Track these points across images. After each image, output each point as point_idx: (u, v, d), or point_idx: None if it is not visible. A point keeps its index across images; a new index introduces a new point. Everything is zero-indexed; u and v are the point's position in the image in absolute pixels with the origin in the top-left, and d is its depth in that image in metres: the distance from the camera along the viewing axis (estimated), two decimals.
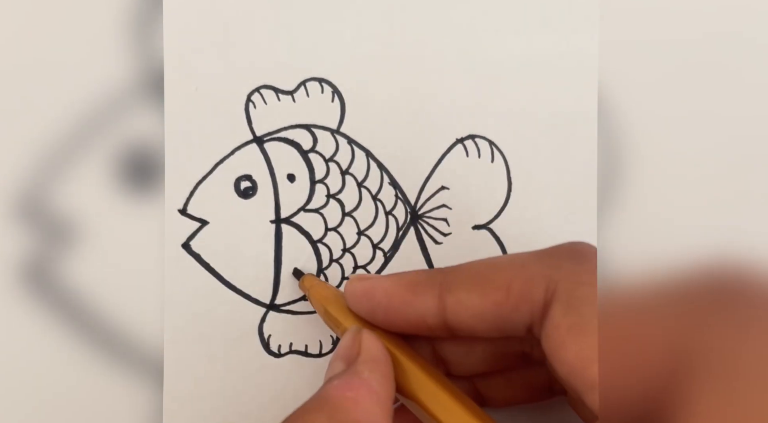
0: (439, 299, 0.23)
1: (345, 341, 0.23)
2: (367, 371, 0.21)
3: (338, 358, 0.23)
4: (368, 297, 0.24)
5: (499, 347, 0.25)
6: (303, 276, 0.28)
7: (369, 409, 0.20)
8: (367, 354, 0.22)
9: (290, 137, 0.29)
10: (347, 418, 0.20)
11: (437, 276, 0.23)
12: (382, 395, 0.21)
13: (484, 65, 0.29)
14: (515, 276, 0.22)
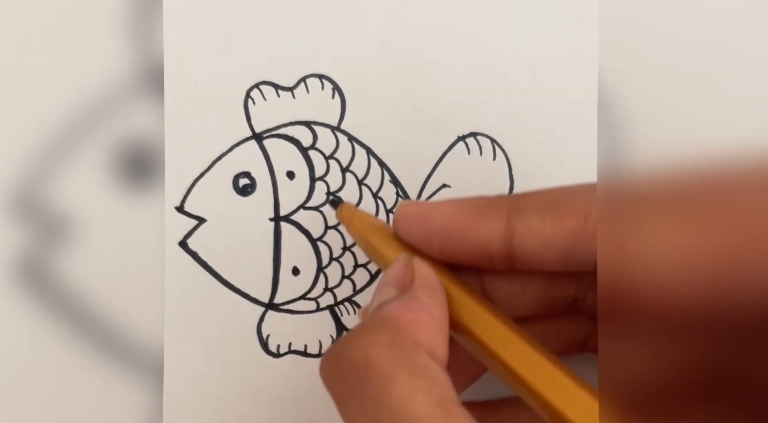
0: (507, 224, 0.21)
1: (396, 267, 0.22)
2: (425, 296, 0.20)
3: (388, 284, 0.21)
4: (425, 220, 0.22)
5: (552, 289, 0.24)
6: (341, 204, 0.25)
7: (430, 332, 0.19)
8: (422, 280, 0.21)
9: (290, 134, 0.28)
10: (410, 340, 0.19)
11: (505, 201, 0.22)
12: (442, 322, 0.20)
13: (485, 62, 0.29)
14: (593, 202, 0.20)
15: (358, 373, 0.18)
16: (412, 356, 0.18)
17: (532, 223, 0.21)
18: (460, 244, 0.22)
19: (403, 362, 0.18)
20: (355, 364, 0.18)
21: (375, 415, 0.18)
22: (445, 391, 0.18)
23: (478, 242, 0.21)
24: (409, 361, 0.18)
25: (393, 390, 0.18)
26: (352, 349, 0.19)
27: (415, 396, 0.18)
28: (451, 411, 0.18)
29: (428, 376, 0.18)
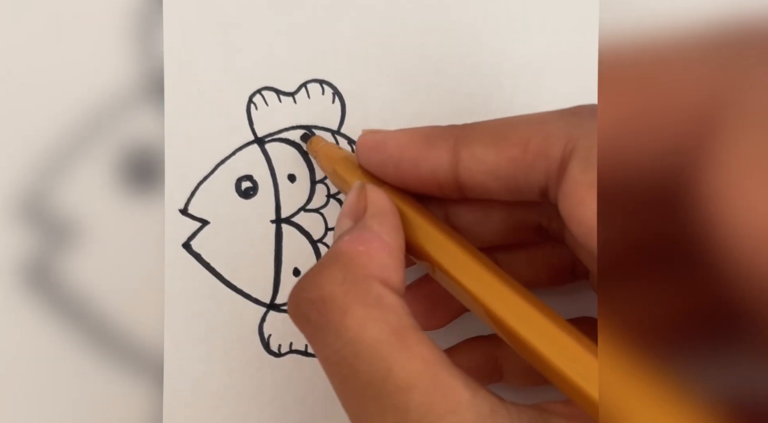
0: (453, 153, 0.22)
1: (350, 197, 0.22)
2: (376, 224, 0.21)
3: (344, 216, 0.22)
4: (380, 149, 0.23)
5: (513, 216, 0.24)
6: (311, 137, 0.27)
7: (382, 260, 0.20)
8: (373, 208, 0.22)
9: (291, 138, 0.29)
10: (363, 272, 0.20)
11: (453, 130, 0.22)
12: (393, 247, 0.21)
13: (484, 65, 0.29)
14: (533, 133, 0.21)
15: (318, 310, 0.19)
16: (365, 288, 0.19)
17: (476, 152, 0.21)
18: (412, 172, 0.23)
19: (356, 295, 0.19)
20: (313, 302, 0.19)
21: (335, 346, 0.19)
22: (400, 318, 0.19)
23: (427, 170, 0.22)
24: (362, 293, 0.19)
25: (348, 322, 0.19)
26: (309, 287, 0.20)
27: (369, 325, 0.18)
28: (406, 336, 0.18)
29: (381, 305, 0.19)
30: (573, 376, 0.18)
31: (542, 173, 0.21)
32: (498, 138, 0.21)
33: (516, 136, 0.21)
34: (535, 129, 0.21)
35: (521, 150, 0.21)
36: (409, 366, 0.18)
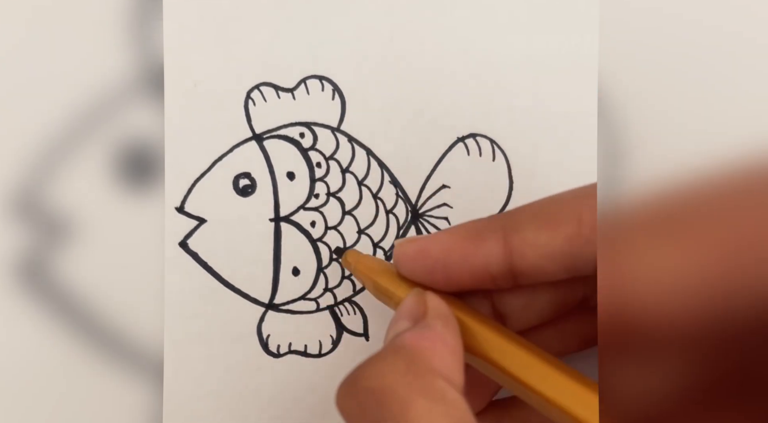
0: (505, 243, 0.21)
1: (409, 301, 0.22)
2: (439, 325, 0.21)
3: (402, 317, 0.21)
4: (423, 256, 0.22)
5: (560, 295, 0.24)
6: (345, 252, 0.27)
7: (445, 359, 0.20)
8: (435, 311, 0.21)
9: (290, 135, 0.28)
10: (426, 365, 0.19)
11: (499, 220, 0.22)
12: (456, 349, 0.20)
13: (485, 63, 0.29)
14: (584, 206, 0.20)
15: (376, 400, 0.18)
16: (429, 381, 0.19)
17: (528, 237, 0.21)
18: (462, 273, 0.22)
19: (419, 387, 0.18)
20: (372, 391, 0.19)
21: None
22: (464, 415, 0.18)
23: (480, 267, 0.22)
24: (426, 387, 0.18)
25: (411, 415, 0.18)
26: (368, 376, 0.19)
27: (433, 420, 0.18)
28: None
29: (445, 400, 0.18)
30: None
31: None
32: (548, 218, 0.21)
33: (566, 212, 0.21)
34: (585, 202, 0.21)
35: (575, 226, 0.20)
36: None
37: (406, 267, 0.23)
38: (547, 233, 0.21)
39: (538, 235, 0.21)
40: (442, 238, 0.22)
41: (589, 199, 0.21)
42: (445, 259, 0.22)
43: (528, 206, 0.22)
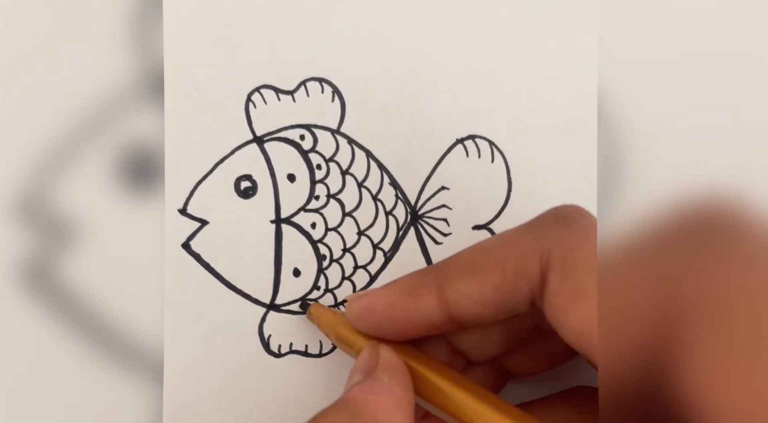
0: (439, 296, 0.23)
1: (363, 355, 0.23)
2: (386, 378, 0.22)
3: (357, 371, 0.23)
4: (369, 313, 0.24)
5: (510, 327, 0.25)
6: (309, 306, 0.28)
7: (391, 411, 0.21)
8: (385, 363, 0.22)
9: (290, 137, 0.29)
10: (369, 418, 0.20)
11: (431, 274, 0.23)
12: (403, 400, 0.21)
13: (484, 65, 0.29)
14: (507, 254, 0.22)
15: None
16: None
17: (460, 288, 0.22)
18: (408, 325, 0.23)
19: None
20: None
21: None
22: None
23: (421, 319, 0.23)
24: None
25: None
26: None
27: None
28: None
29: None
30: None
31: (526, 288, 0.22)
32: (475, 268, 0.22)
33: (491, 262, 0.22)
34: (508, 250, 0.22)
35: (500, 275, 0.22)
36: None
37: (357, 322, 0.24)
38: (475, 284, 0.22)
39: (467, 286, 0.22)
40: (384, 294, 0.24)
41: (512, 246, 0.22)
42: (388, 315, 0.23)
43: (457, 256, 0.23)
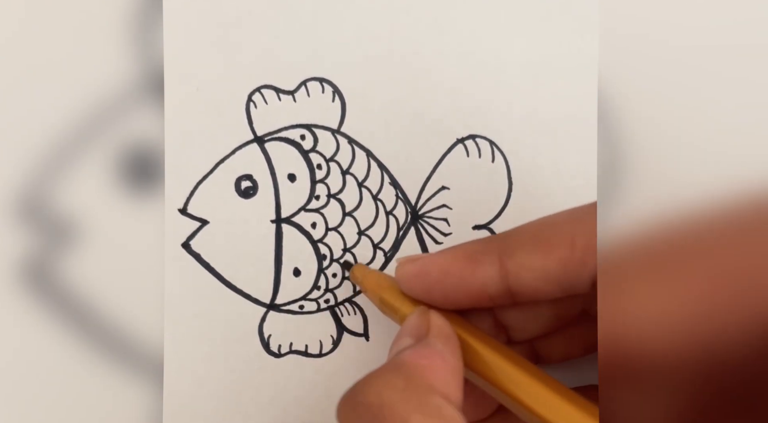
0: (500, 266, 0.22)
1: (412, 319, 0.22)
2: (440, 344, 0.21)
3: (405, 335, 0.22)
4: (423, 276, 0.23)
5: (561, 308, 0.24)
6: (353, 266, 0.27)
7: (444, 376, 0.20)
8: (437, 330, 0.22)
9: (291, 137, 0.29)
10: (423, 383, 0.19)
11: (494, 242, 0.22)
12: (456, 368, 0.21)
13: (484, 65, 0.29)
14: (578, 230, 0.21)
15: (373, 415, 0.19)
16: (426, 398, 0.19)
17: (523, 260, 0.22)
18: (460, 293, 0.23)
19: (416, 404, 0.19)
20: (370, 407, 0.19)
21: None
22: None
23: (477, 288, 0.22)
24: (423, 403, 0.19)
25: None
26: (367, 392, 0.19)
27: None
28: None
29: (441, 416, 0.19)
30: None
31: (593, 267, 0.21)
32: (542, 241, 0.21)
33: (560, 236, 0.21)
34: (577, 226, 0.21)
35: (569, 250, 0.21)
36: None
37: (407, 286, 0.24)
38: (541, 257, 0.21)
39: (532, 259, 0.21)
40: (441, 259, 0.23)
41: (582, 221, 0.21)
42: (443, 281, 0.23)
43: (522, 228, 0.23)
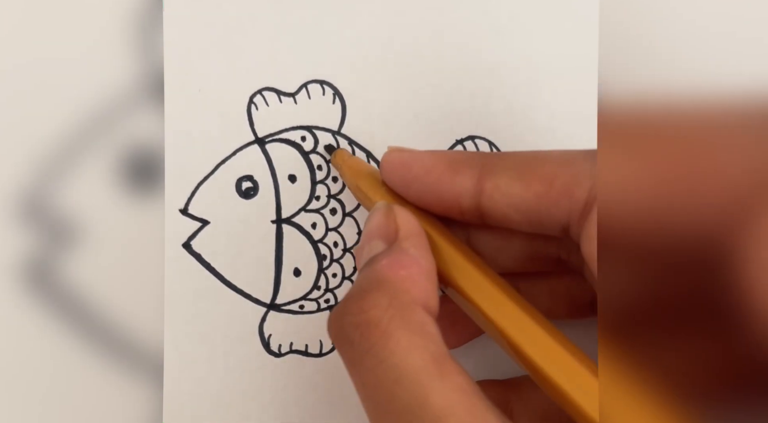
0: (478, 181, 0.22)
1: (377, 218, 0.23)
2: (412, 247, 0.21)
3: (374, 237, 0.22)
4: (405, 168, 0.23)
5: (534, 246, 0.24)
6: (335, 150, 0.27)
7: (423, 286, 0.20)
8: (406, 230, 0.22)
9: (292, 138, 0.29)
10: (407, 298, 0.20)
11: (479, 158, 0.22)
12: (430, 271, 0.21)
13: (484, 65, 0.29)
14: (560, 170, 0.21)
15: (361, 333, 0.19)
16: (409, 314, 0.19)
17: (501, 183, 0.22)
18: (436, 195, 0.23)
19: (400, 321, 0.19)
20: (357, 326, 0.19)
21: (376, 371, 0.19)
22: (439, 347, 0.19)
23: (451, 195, 0.22)
24: (406, 320, 0.19)
25: (392, 347, 0.19)
26: (353, 311, 0.20)
27: (412, 352, 0.19)
28: (445, 364, 0.19)
29: (424, 332, 0.19)
30: (578, 400, 0.19)
31: (565, 212, 0.21)
32: (524, 172, 0.22)
33: (542, 171, 0.21)
34: (562, 167, 0.21)
35: (546, 186, 0.21)
36: (447, 395, 0.18)
37: (388, 174, 0.24)
38: (518, 184, 0.21)
39: (509, 184, 0.22)
40: (425, 157, 0.23)
41: (568, 165, 0.21)
42: (423, 177, 0.23)
43: (510, 154, 0.23)
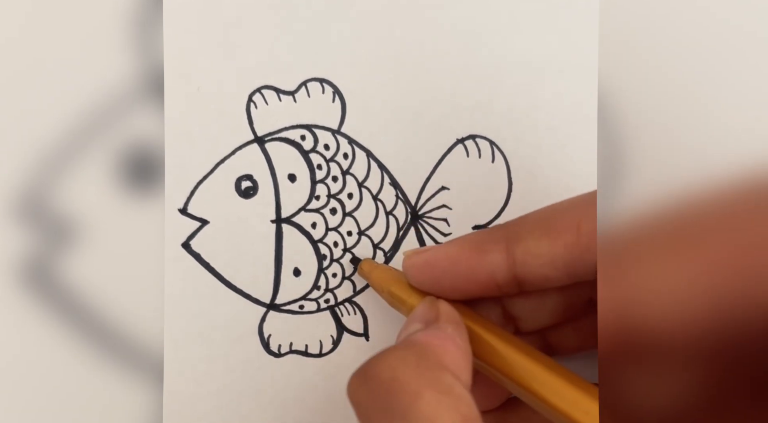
0: (508, 253, 0.22)
1: (422, 307, 0.23)
2: (450, 329, 0.21)
3: (415, 320, 0.22)
4: (431, 267, 0.23)
5: (568, 297, 0.24)
6: (361, 261, 0.28)
7: (455, 358, 0.20)
8: (447, 316, 0.22)
9: (291, 137, 0.29)
10: (435, 360, 0.19)
11: (501, 231, 0.23)
12: (466, 350, 0.21)
13: (484, 65, 0.29)
14: (583, 215, 0.21)
15: (386, 390, 0.19)
16: (438, 375, 0.19)
17: (530, 246, 0.22)
18: (469, 282, 0.23)
19: (429, 380, 0.19)
20: (382, 382, 0.19)
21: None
22: (470, 409, 0.19)
23: (485, 277, 0.22)
24: (435, 380, 0.19)
25: (420, 406, 0.18)
26: (380, 367, 0.19)
27: (441, 412, 0.18)
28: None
29: (453, 393, 0.19)
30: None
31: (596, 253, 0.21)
32: (548, 227, 0.22)
33: (565, 221, 0.21)
34: (584, 210, 0.21)
35: (573, 234, 0.21)
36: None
37: (415, 278, 0.24)
38: (547, 242, 0.21)
39: (538, 245, 0.21)
40: (448, 249, 0.23)
41: (586, 207, 0.21)
42: (451, 270, 0.23)
43: (528, 216, 0.23)
